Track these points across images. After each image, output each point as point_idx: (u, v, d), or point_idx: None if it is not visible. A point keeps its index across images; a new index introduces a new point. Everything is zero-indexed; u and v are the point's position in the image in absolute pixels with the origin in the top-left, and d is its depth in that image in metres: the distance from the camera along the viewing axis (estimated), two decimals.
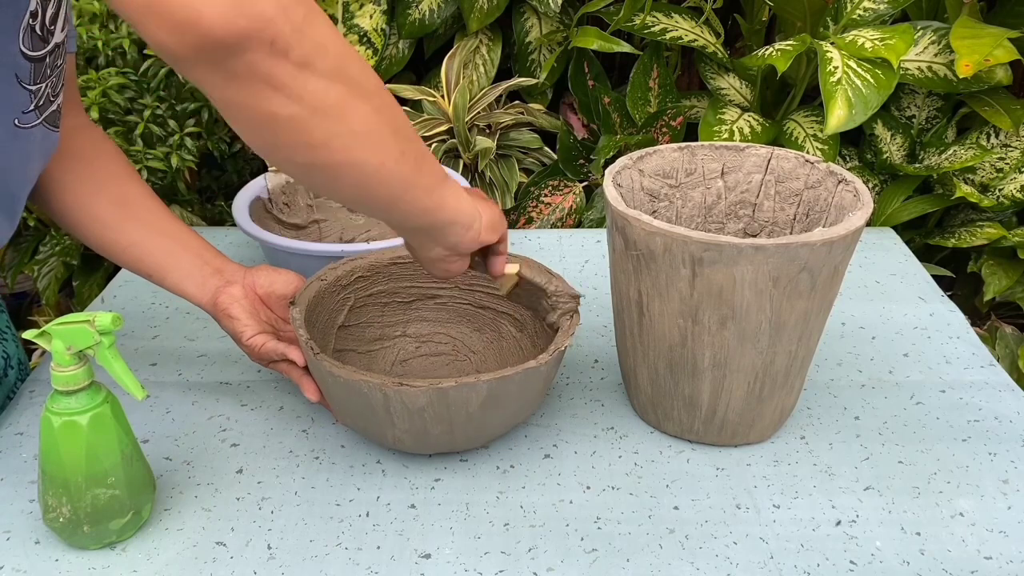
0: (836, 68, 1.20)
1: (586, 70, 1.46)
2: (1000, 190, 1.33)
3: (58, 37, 0.67)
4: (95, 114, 1.18)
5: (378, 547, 0.69)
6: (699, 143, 0.85)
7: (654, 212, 0.85)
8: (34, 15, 0.63)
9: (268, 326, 0.80)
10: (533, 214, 1.41)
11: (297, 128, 0.53)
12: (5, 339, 0.86)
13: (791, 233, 0.85)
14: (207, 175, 1.45)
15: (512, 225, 1.41)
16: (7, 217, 0.74)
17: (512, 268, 0.79)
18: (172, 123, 1.26)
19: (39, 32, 0.64)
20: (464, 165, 1.37)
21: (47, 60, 0.66)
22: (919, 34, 1.30)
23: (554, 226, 1.39)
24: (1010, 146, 1.33)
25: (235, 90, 0.51)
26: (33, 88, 0.67)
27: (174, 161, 1.24)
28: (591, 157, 1.44)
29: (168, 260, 0.80)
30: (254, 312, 0.80)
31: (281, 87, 0.50)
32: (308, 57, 0.50)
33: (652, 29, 1.36)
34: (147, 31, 0.48)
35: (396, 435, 0.73)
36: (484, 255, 0.76)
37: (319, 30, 0.51)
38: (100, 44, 1.22)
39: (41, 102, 0.68)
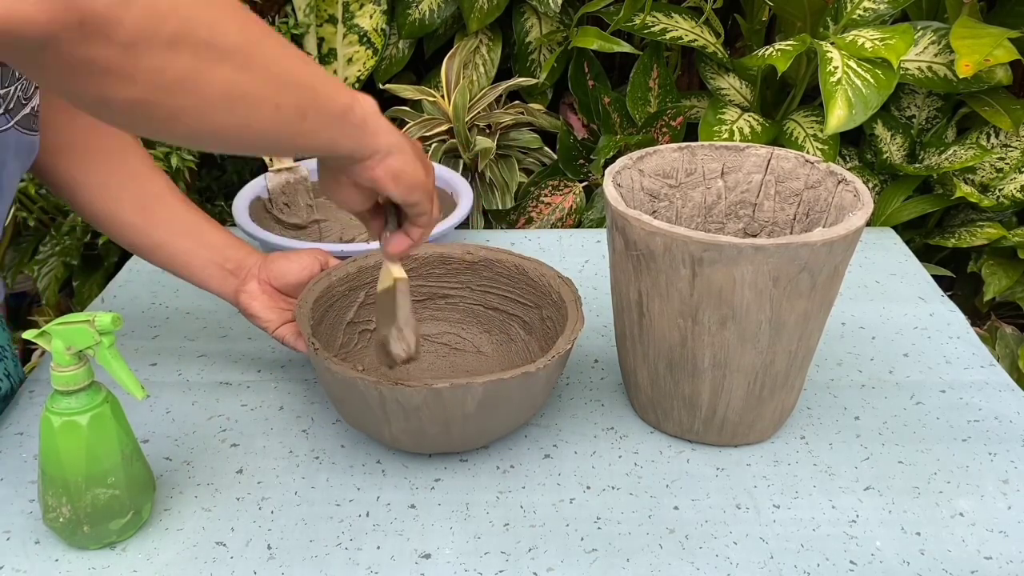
0: (836, 68, 1.20)
1: (586, 70, 1.46)
2: (1000, 190, 1.33)
3: None
4: None
5: (378, 547, 0.69)
6: (699, 143, 0.85)
7: (654, 212, 0.85)
8: None
9: (290, 314, 0.83)
10: (533, 214, 1.41)
11: (139, 110, 0.45)
12: (5, 357, 0.86)
13: (791, 233, 0.85)
14: (207, 175, 1.45)
15: (512, 225, 1.41)
16: None
17: (396, 272, 0.70)
18: None
19: None
20: (464, 165, 1.37)
21: None
22: (919, 34, 1.30)
23: (554, 226, 1.39)
24: (1010, 146, 1.33)
25: (56, 81, 0.43)
26: (1, 92, 0.66)
27: (174, 161, 1.24)
28: (591, 157, 1.44)
29: (192, 261, 0.83)
30: (274, 305, 0.83)
31: (109, 72, 0.42)
32: (138, 32, 0.41)
33: (652, 29, 1.36)
34: None
35: (393, 434, 0.73)
36: (400, 222, 0.68)
37: None
38: None
39: (11, 105, 0.67)
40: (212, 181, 1.45)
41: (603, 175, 0.79)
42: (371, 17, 1.45)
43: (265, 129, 0.51)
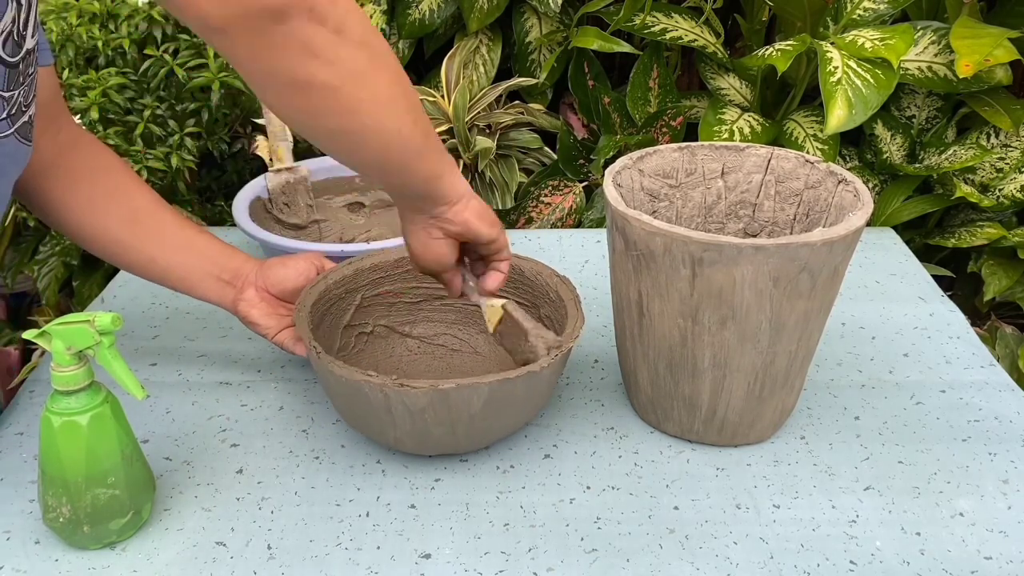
0: (836, 68, 1.20)
1: (586, 70, 1.46)
2: (1000, 190, 1.33)
3: (29, 43, 0.66)
4: (95, 114, 1.18)
5: (378, 547, 0.69)
6: (699, 143, 0.85)
7: (654, 212, 0.85)
8: (14, 20, 0.62)
9: (289, 319, 0.84)
10: (533, 214, 1.41)
11: (331, 94, 0.55)
12: None
13: (791, 233, 0.85)
14: (207, 175, 1.45)
15: (512, 225, 1.41)
16: None
17: (497, 302, 0.78)
18: (172, 123, 1.26)
19: (15, 37, 0.64)
20: (464, 165, 1.37)
21: (20, 67, 0.65)
22: (919, 34, 1.30)
23: (554, 226, 1.39)
24: (1010, 146, 1.33)
25: (274, 58, 0.52)
26: (7, 95, 0.65)
27: (174, 161, 1.24)
28: (591, 157, 1.44)
29: (186, 274, 0.83)
30: (272, 311, 0.83)
31: (319, 53, 0.52)
32: (342, 24, 0.52)
33: (652, 29, 1.36)
34: (187, 1, 0.49)
35: (397, 436, 0.73)
36: (478, 269, 0.78)
37: (343, 1, 0.53)
38: (100, 44, 1.21)
39: (13, 111, 0.67)
40: (212, 181, 1.45)
41: (603, 175, 0.79)
42: (371, 17, 1.45)
43: (407, 138, 0.61)
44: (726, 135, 1.30)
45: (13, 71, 0.65)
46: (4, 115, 0.66)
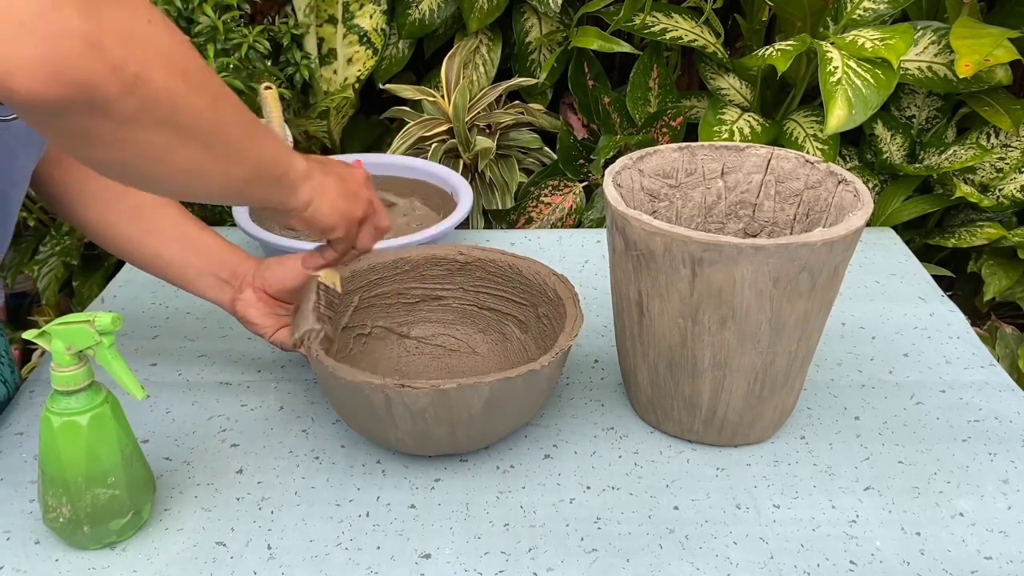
0: (836, 68, 1.20)
1: (586, 70, 1.46)
2: (1000, 190, 1.33)
3: None
4: None
5: (378, 547, 0.69)
6: (699, 143, 0.85)
7: (654, 212, 0.85)
8: None
9: (287, 319, 0.84)
10: (533, 214, 1.41)
11: (119, 170, 0.53)
12: (1, 363, 0.86)
13: (791, 233, 0.85)
14: None
15: (512, 225, 1.41)
16: (1, 220, 0.74)
17: (322, 273, 0.79)
18: None
19: None
20: (464, 165, 1.37)
21: None
22: (919, 34, 1.30)
23: (554, 226, 1.39)
24: (1010, 146, 1.33)
25: (55, 138, 0.50)
26: None
27: None
28: (591, 157, 1.44)
29: (187, 272, 0.84)
30: (270, 311, 0.83)
31: (100, 140, 0.48)
32: (133, 114, 0.47)
33: (652, 29, 1.36)
34: None
35: (398, 436, 0.73)
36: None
37: (151, 85, 0.47)
38: None
39: None
40: None
41: (603, 175, 0.79)
42: (371, 17, 1.45)
43: (214, 190, 0.61)
44: (726, 135, 1.30)
45: None
46: None
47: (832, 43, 1.24)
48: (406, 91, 1.41)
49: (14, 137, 0.69)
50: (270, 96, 0.94)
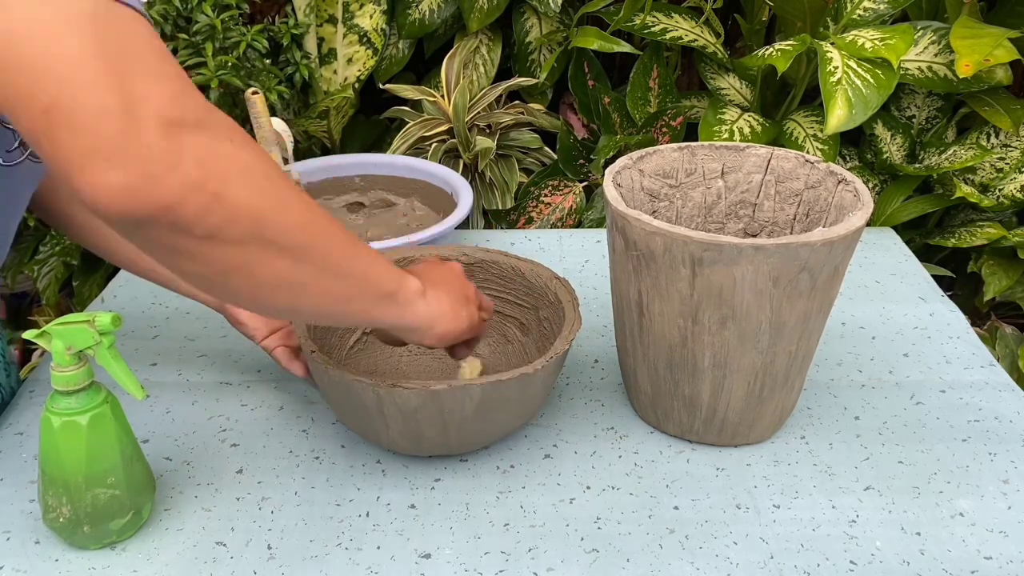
0: (836, 68, 1.20)
1: (586, 70, 1.46)
2: (1000, 190, 1.33)
3: None
4: None
5: (378, 547, 0.69)
6: (699, 143, 0.85)
7: (654, 212, 0.85)
8: None
9: (278, 323, 0.84)
10: (533, 214, 1.41)
11: (204, 283, 0.53)
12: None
13: (791, 233, 0.85)
14: None
15: (512, 225, 1.41)
16: (2, 243, 0.75)
17: (474, 367, 0.82)
18: None
19: None
20: (464, 165, 1.37)
21: None
22: (919, 34, 1.30)
23: (554, 226, 1.39)
24: (1010, 146, 1.33)
25: (144, 249, 0.50)
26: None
27: None
28: (591, 157, 1.44)
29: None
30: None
31: (185, 254, 0.49)
32: (214, 231, 0.48)
33: (652, 29, 1.36)
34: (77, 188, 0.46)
35: (391, 436, 0.73)
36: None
37: (231, 201, 0.48)
38: None
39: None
40: None
41: (603, 175, 0.79)
42: (371, 17, 1.45)
43: (310, 309, 0.58)
44: (726, 135, 1.30)
45: None
46: (16, 144, 0.68)
47: (832, 43, 1.24)
48: (406, 91, 1.41)
49: (19, 179, 0.71)
50: (258, 101, 0.94)
